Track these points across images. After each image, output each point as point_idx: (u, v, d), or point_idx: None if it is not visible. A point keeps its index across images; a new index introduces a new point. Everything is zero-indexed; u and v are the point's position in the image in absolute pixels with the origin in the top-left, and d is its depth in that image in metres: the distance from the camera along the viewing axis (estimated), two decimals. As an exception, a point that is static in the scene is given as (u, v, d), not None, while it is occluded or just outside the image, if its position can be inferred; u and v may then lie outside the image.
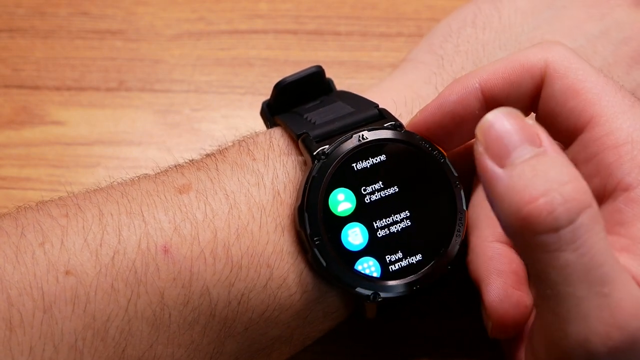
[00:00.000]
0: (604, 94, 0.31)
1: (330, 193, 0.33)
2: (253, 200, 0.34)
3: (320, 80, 0.39)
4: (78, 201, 0.33)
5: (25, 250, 0.30)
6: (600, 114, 0.31)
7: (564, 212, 0.25)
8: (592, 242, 0.26)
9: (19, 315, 0.29)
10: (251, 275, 0.33)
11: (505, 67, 0.33)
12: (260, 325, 0.34)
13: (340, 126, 0.35)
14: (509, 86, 0.33)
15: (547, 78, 0.32)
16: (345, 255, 0.33)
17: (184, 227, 0.32)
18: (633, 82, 0.39)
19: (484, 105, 0.34)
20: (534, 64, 0.33)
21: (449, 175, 0.35)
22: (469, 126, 0.34)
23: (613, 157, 0.30)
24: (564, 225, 0.25)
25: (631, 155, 0.30)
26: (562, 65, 0.32)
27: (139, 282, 0.31)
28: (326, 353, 0.41)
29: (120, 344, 0.30)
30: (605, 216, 0.30)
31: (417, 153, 0.35)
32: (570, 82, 0.32)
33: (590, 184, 0.30)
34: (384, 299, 0.33)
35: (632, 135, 0.30)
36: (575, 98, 0.32)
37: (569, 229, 0.25)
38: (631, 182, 0.29)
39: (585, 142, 0.31)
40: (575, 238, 0.25)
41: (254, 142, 0.37)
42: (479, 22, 0.42)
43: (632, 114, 0.31)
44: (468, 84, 0.33)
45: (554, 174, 0.26)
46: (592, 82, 0.32)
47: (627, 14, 0.41)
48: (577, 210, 0.25)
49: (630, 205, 0.29)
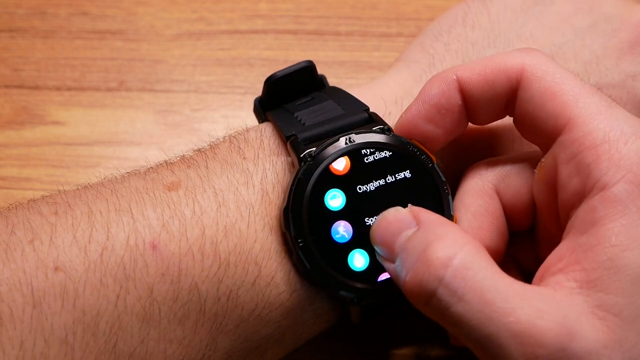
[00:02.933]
0: (580, 96, 0.31)
1: (317, 195, 0.33)
2: (242, 198, 0.34)
3: (312, 76, 0.39)
4: (68, 199, 0.33)
5: (14, 248, 0.30)
6: (577, 115, 0.31)
7: (429, 276, 0.28)
8: (472, 284, 0.28)
9: (9, 311, 0.29)
10: (239, 273, 0.33)
11: (482, 65, 0.34)
12: (251, 322, 0.34)
13: (329, 129, 0.35)
14: (484, 84, 0.33)
15: (524, 81, 0.33)
16: (334, 252, 0.33)
17: (172, 224, 0.32)
18: (622, 73, 0.39)
19: (463, 98, 0.34)
20: (511, 66, 0.33)
21: (437, 180, 0.34)
22: (453, 117, 0.34)
23: (591, 157, 0.30)
24: (435, 285, 0.28)
25: (608, 155, 0.30)
26: (540, 68, 0.32)
27: (128, 277, 0.31)
28: (315, 351, 0.41)
29: (111, 339, 0.31)
30: (582, 215, 0.30)
31: (405, 157, 0.34)
32: (547, 84, 0.32)
33: (571, 184, 0.31)
34: (368, 302, 0.33)
35: (609, 135, 0.30)
36: (552, 100, 0.32)
37: (443, 286, 0.28)
38: (608, 181, 0.29)
39: (564, 144, 0.31)
40: (453, 291, 0.28)
41: (244, 140, 0.37)
42: (469, 21, 0.42)
43: (609, 115, 0.31)
44: (447, 77, 0.34)
45: (418, 245, 0.29)
46: (569, 85, 0.32)
47: (615, 7, 0.41)
48: (441, 267, 0.28)
49: (604, 204, 0.29)
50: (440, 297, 0.28)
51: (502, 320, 0.27)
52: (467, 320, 0.28)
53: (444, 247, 0.29)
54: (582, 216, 0.30)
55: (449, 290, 0.28)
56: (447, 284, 0.28)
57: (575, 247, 0.30)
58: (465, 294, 0.28)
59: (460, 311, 0.28)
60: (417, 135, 0.35)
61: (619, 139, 0.30)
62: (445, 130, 0.35)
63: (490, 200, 0.35)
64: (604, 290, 0.28)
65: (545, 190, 0.33)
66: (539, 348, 0.27)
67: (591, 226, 0.29)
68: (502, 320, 0.27)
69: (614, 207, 0.29)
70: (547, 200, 0.33)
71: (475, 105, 0.34)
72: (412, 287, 0.29)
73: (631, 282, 0.28)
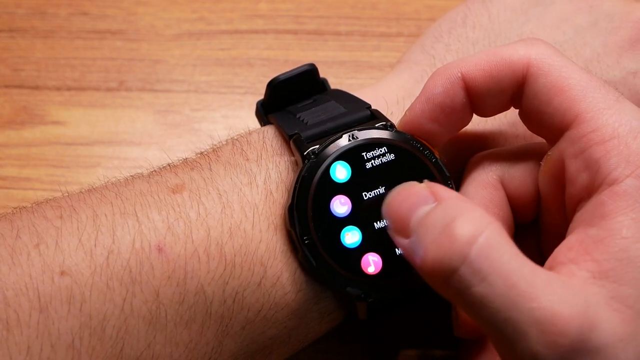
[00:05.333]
0: (588, 91, 0.31)
1: (321, 192, 0.33)
2: (246, 199, 0.34)
3: (314, 79, 0.39)
4: (72, 202, 0.33)
5: (20, 252, 0.30)
6: (585, 110, 0.31)
7: (453, 253, 0.27)
8: (497, 266, 0.26)
9: (16, 316, 0.29)
10: (245, 274, 0.33)
11: (486, 60, 0.33)
12: (257, 324, 0.34)
13: (332, 127, 0.35)
14: (489, 80, 0.33)
15: (530, 76, 0.32)
16: (340, 249, 0.33)
17: (177, 226, 0.32)
18: (623, 71, 0.39)
19: (467, 95, 0.34)
20: (516, 60, 0.33)
21: (441, 175, 0.35)
22: (457, 115, 0.34)
23: (600, 153, 0.30)
24: (458, 263, 0.27)
25: (617, 151, 0.30)
26: (545, 62, 0.32)
27: (134, 281, 0.31)
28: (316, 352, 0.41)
29: (117, 343, 0.31)
30: (590, 209, 0.30)
31: (408, 153, 0.35)
32: (554, 79, 0.32)
33: (579, 178, 0.31)
34: (375, 299, 0.33)
35: (618, 130, 0.30)
36: (560, 96, 0.32)
37: (467, 265, 0.27)
38: (617, 176, 0.29)
39: (572, 139, 0.31)
40: (477, 270, 0.26)
41: (247, 142, 0.37)
42: (469, 22, 0.42)
43: (617, 109, 0.31)
44: (450, 74, 0.34)
45: (440, 221, 0.28)
46: (576, 79, 0.32)
47: (615, 5, 0.41)
48: (466, 244, 0.27)
49: (614, 199, 0.29)
50: (462, 276, 0.27)
51: (525, 305, 0.26)
52: (489, 302, 0.27)
53: (470, 223, 0.27)
54: (590, 210, 0.30)
55: (472, 270, 0.26)
56: (471, 263, 0.26)
57: (585, 239, 0.29)
58: (489, 275, 0.26)
59: (483, 292, 0.27)
60: (421, 133, 0.35)
61: (628, 134, 0.30)
62: (448, 127, 0.35)
63: (495, 191, 0.35)
64: (617, 281, 0.28)
65: (551, 183, 0.33)
66: (561, 337, 0.26)
67: (600, 219, 0.29)
68: (525, 305, 0.26)
69: (624, 201, 0.29)
70: (553, 194, 0.33)
71: (480, 100, 0.34)
72: (432, 264, 0.27)
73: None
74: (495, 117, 0.38)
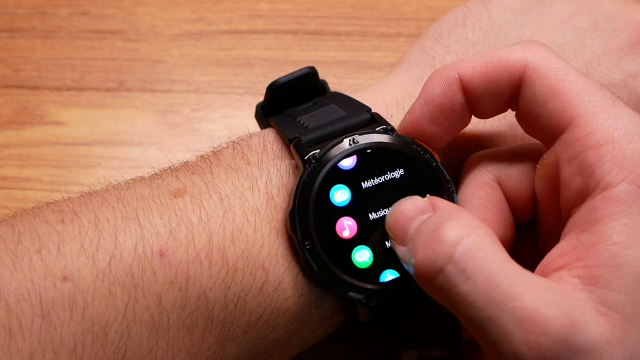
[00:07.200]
0: (584, 94, 0.31)
1: (322, 196, 0.33)
2: (247, 203, 0.34)
3: (314, 82, 0.39)
4: (74, 206, 0.33)
5: (22, 257, 0.30)
6: (581, 114, 0.31)
7: (439, 252, 0.29)
8: (481, 265, 0.28)
9: (18, 322, 0.29)
10: (247, 278, 0.33)
11: (484, 62, 0.33)
12: (258, 328, 0.34)
13: (332, 131, 0.35)
14: (486, 81, 0.33)
15: (527, 78, 0.32)
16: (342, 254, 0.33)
17: (180, 231, 0.32)
18: (623, 73, 0.39)
19: (465, 96, 0.34)
20: (513, 62, 0.33)
21: (441, 178, 0.35)
22: (456, 116, 0.34)
23: (594, 157, 0.30)
24: (444, 262, 0.28)
25: (612, 155, 0.30)
26: (542, 65, 0.32)
27: (136, 286, 0.31)
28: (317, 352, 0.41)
29: (120, 349, 0.30)
30: (583, 214, 0.30)
31: (409, 156, 0.35)
32: (550, 82, 0.32)
33: (573, 183, 0.31)
34: (376, 303, 0.33)
35: (613, 134, 0.30)
36: (556, 98, 0.32)
37: (452, 264, 0.28)
38: (610, 181, 0.29)
39: (567, 142, 0.31)
40: (462, 269, 0.28)
41: (248, 145, 0.37)
42: (469, 23, 0.42)
43: (613, 113, 0.31)
44: (448, 75, 0.34)
45: (431, 226, 0.30)
46: (573, 82, 0.32)
47: (615, 6, 0.41)
48: (452, 245, 0.28)
49: (606, 204, 0.29)
50: (447, 275, 0.28)
51: (507, 304, 0.27)
52: (472, 300, 0.28)
53: (457, 226, 0.29)
54: (583, 215, 0.30)
55: (457, 268, 0.28)
56: (456, 262, 0.28)
57: (577, 244, 0.30)
58: (473, 274, 0.28)
59: (467, 290, 0.28)
60: (422, 136, 0.35)
61: (622, 138, 0.30)
62: (449, 129, 0.35)
63: (492, 191, 0.35)
64: (606, 287, 0.28)
65: (547, 187, 0.33)
66: (542, 336, 0.27)
67: (593, 224, 0.29)
68: (507, 305, 0.27)
69: (616, 206, 0.29)
70: (549, 197, 0.33)
71: (478, 102, 0.34)
72: (420, 263, 0.29)
73: (633, 280, 0.28)
74: (494, 119, 0.38)
